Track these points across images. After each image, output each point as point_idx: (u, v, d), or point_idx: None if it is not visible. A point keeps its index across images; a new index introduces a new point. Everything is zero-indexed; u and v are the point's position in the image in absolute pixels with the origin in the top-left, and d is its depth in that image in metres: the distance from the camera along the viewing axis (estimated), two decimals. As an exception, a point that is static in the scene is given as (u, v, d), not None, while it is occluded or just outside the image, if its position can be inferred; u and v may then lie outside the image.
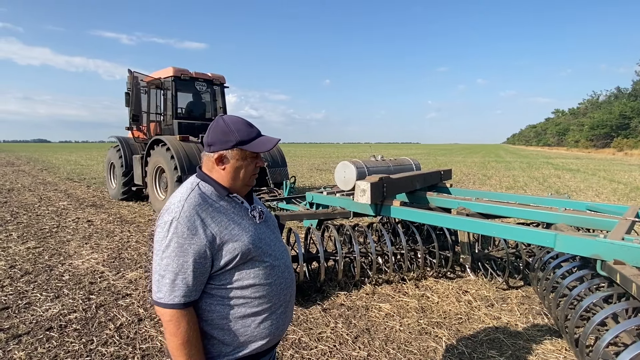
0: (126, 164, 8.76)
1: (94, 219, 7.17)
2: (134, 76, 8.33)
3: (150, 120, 8.77)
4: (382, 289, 3.90)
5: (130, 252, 5.14)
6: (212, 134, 1.24)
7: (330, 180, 14.43)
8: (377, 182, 3.68)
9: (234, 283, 1.22)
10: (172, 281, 1.12)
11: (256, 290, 1.25)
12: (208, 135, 1.25)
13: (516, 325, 3.21)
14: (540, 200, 4.25)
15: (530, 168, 21.74)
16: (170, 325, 1.12)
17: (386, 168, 4.91)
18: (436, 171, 5.37)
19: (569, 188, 12.58)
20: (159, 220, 1.17)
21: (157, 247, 1.15)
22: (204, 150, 1.29)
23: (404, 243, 3.97)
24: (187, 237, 1.12)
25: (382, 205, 3.81)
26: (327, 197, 4.51)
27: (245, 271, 1.23)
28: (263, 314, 1.27)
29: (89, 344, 2.86)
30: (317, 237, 3.94)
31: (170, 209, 1.16)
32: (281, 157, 8.56)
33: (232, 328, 1.23)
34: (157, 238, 1.15)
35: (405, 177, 4.35)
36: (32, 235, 5.91)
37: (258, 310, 1.26)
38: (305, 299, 3.67)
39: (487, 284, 4.04)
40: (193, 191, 1.21)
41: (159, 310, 1.14)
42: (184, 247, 1.12)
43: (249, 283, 1.24)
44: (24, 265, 4.53)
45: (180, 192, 1.23)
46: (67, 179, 14.33)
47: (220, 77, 8.89)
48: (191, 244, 1.13)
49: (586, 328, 2.47)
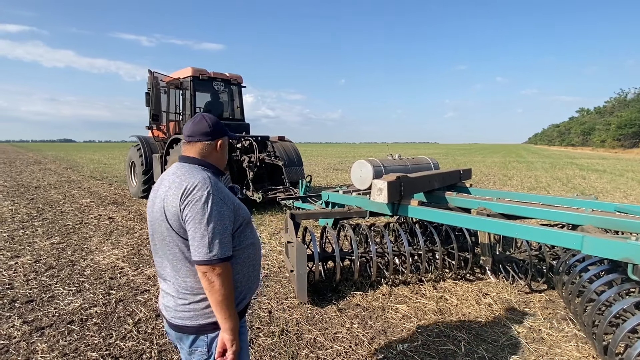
0: (146, 163, 8.94)
1: (115, 216, 7.34)
2: (154, 76, 8.49)
3: (169, 119, 8.93)
4: (399, 290, 3.83)
5: (149, 249, 5.23)
6: (210, 125, 1.51)
7: (346, 180, 14.36)
8: (395, 181, 3.61)
9: (242, 243, 1.49)
10: (220, 240, 1.34)
11: (254, 248, 1.55)
12: (205, 127, 1.50)
13: (539, 330, 3.09)
14: (565, 201, 4.08)
15: (553, 168, 21.06)
16: (222, 277, 1.34)
17: (403, 167, 4.82)
18: (455, 170, 5.25)
19: (594, 189, 12.11)
20: (191, 196, 1.34)
21: (198, 217, 1.33)
22: (194, 139, 1.50)
23: (421, 243, 3.88)
24: (222, 205, 1.38)
25: (400, 205, 3.74)
26: (343, 196, 4.47)
27: (246, 233, 1.51)
28: (256, 268, 1.58)
29: (108, 338, 2.91)
30: (332, 237, 3.90)
31: (200, 186, 1.36)
32: (297, 157, 8.57)
33: (241, 282, 1.50)
34: (197, 209, 1.33)
35: (423, 176, 4.26)
36: (57, 231, 6.09)
37: (254, 265, 1.56)
38: (321, 298, 3.64)
39: (509, 287, 3.91)
40: (204, 171, 1.46)
41: (212, 267, 1.33)
42: (222, 213, 1.37)
43: (249, 242, 1.52)
44: (48, 260, 4.67)
45: (194, 173, 1.42)
46: (90, 177, 14.76)
47: (237, 77, 8.98)
48: (225, 210, 1.38)
49: (616, 335, 2.35)
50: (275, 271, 4.41)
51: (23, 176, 14.64)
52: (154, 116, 8.59)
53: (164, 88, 8.87)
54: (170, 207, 1.37)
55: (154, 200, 1.47)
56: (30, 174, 15.45)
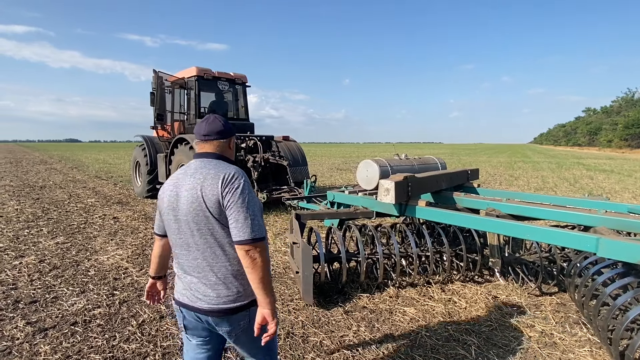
0: (151, 163, 8.93)
1: (120, 216, 7.34)
2: (158, 76, 8.48)
3: (174, 119, 8.92)
4: (407, 292, 3.76)
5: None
6: (225, 125, 1.66)
7: (350, 180, 14.30)
8: (402, 181, 3.55)
9: None
10: (258, 222, 1.48)
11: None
12: (220, 126, 1.64)
13: (551, 334, 3.01)
14: (576, 202, 3.99)
15: (560, 168, 20.85)
16: (262, 254, 1.46)
17: (410, 167, 4.75)
18: (463, 170, 5.17)
19: (602, 189, 11.95)
20: (231, 184, 1.48)
21: (240, 201, 1.46)
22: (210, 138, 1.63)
23: (429, 245, 3.81)
24: (252, 191, 1.55)
25: (407, 205, 3.67)
26: (348, 196, 4.40)
27: None
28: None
29: (112, 340, 2.87)
30: (338, 237, 3.84)
31: (237, 175, 1.52)
32: (302, 156, 8.51)
33: None
34: (238, 194, 1.47)
35: (430, 176, 4.18)
36: (61, 231, 6.09)
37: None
38: (327, 300, 3.58)
39: (518, 290, 3.83)
40: (232, 164, 1.63)
41: (255, 245, 1.45)
42: (255, 199, 1.53)
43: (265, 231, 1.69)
44: (52, 260, 4.65)
45: (224, 165, 1.57)
46: (96, 177, 14.81)
47: (242, 77, 8.95)
48: (255, 195, 1.55)
49: (634, 341, 2.28)
50: (280, 272, 4.35)
51: (29, 176, 14.73)
52: (158, 116, 8.59)
53: (169, 88, 8.86)
54: (210, 195, 1.47)
55: (176, 196, 1.54)
56: (36, 174, 15.54)
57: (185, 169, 1.59)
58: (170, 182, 1.60)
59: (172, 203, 1.55)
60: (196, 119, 8.06)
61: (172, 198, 1.55)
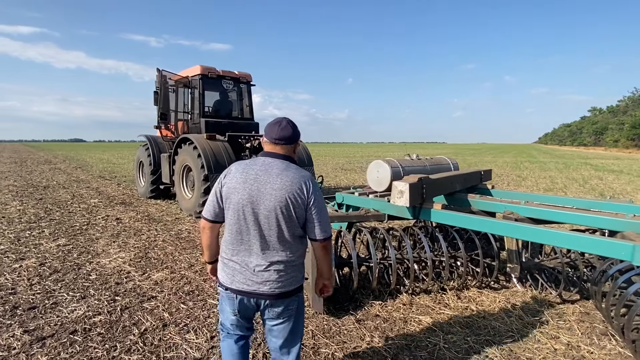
0: (154, 163, 8.81)
1: (123, 217, 7.21)
2: (162, 75, 8.35)
3: (178, 119, 8.78)
4: (420, 300, 3.59)
5: (156, 252, 5.06)
6: (294, 131, 1.85)
7: (355, 181, 14.12)
8: (416, 183, 3.37)
9: None
10: (329, 223, 1.83)
11: None
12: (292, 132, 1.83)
13: (578, 346, 2.83)
14: (600, 205, 3.80)
15: (567, 169, 20.55)
16: (329, 246, 1.84)
17: (422, 168, 4.57)
18: (476, 171, 4.98)
19: (613, 190, 11.70)
20: (313, 191, 1.75)
21: (320, 205, 1.77)
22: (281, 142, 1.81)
23: (444, 249, 3.64)
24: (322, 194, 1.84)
25: (422, 208, 3.50)
26: (359, 198, 4.23)
27: None
28: None
29: (112, 350, 2.72)
30: (349, 241, 3.68)
31: (314, 182, 1.78)
32: (307, 156, 8.35)
33: None
34: (319, 200, 1.77)
35: (445, 177, 4.01)
36: (63, 232, 5.97)
37: None
38: (337, 307, 3.42)
39: (538, 297, 3.64)
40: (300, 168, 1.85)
41: (329, 241, 1.83)
42: (324, 201, 1.82)
43: None
44: (53, 263, 4.52)
45: (300, 170, 1.80)
46: (99, 177, 14.73)
47: (246, 75, 8.78)
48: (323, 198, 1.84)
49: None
50: (287, 277, 4.19)
51: (33, 176, 14.68)
52: (162, 115, 8.44)
53: (173, 87, 8.73)
54: (298, 199, 1.71)
55: (258, 192, 1.70)
56: (40, 174, 15.49)
57: (262, 166, 1.75)
58: (242, 175, 1.74)
59: (254, 196, 1.70)
60: (200, 118, 7.92)
61: (255, 191, 1.70)
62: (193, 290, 3.80)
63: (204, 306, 3.45)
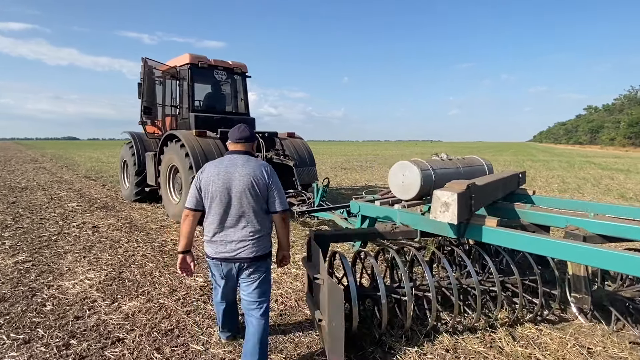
0: (139, 163, 7.92)
1: (101, 225, 6.34)
2: (147, 65, 7.44)
3: (165, 113, 7.89)
4: (466, 342, 2.79)
5: (133, 271, 4.22)
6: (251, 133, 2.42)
7: (357, 181, 13.33)
8: (465, 192, 2.58)
9: None
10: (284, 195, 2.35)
11: None
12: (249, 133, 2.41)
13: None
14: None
15: (572, 168, 19.89)
16: (287, 220, 2.38)
17: (455, 170, 3.77)
18: (514, 174, 4.20)
19: (632, 191, 11.03)
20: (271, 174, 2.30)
21: (277, 185, 2.31)
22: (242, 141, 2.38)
23: (495, 276, 2.85)
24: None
25: (469, 225, 2.70)
26: (381, 208, 3.43)
27: None
28: None
29: None
30: (374, 265, 2.87)
31: (271, 167, 2.35)
32: (309, 156, 7.49)
33: None
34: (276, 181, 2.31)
35: (489, 183, 3.21)
36: (27, 245, 5.10)
37: None
38: (360, 355, 2.61)
39: (612, 335, 2.87)
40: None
41: (286, 213, 2.34)
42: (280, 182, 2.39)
43: None
44: (2, 289, 3.67)
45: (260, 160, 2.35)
46: (85, 177, 13.80)
47: (241, 66, 7.89)
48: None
49: None
50: (292, 306, 3.38)
51: (14, 176, 13.71)
52: (145, 109, 7.51)
53: (159, 78, 7.82)
54: (260, 181, 2.23)
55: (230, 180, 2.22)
56: (22, 174, 14.51)
57: (229, 161, 2.30)
58: (215, 170, 2.26)
59: (227, 183, 2.21)
60: (189, 113, 7.04)
61: (227, 179, 2.22)
62: (172, 329, 2.96)
63: (184, 355, 2.62)
